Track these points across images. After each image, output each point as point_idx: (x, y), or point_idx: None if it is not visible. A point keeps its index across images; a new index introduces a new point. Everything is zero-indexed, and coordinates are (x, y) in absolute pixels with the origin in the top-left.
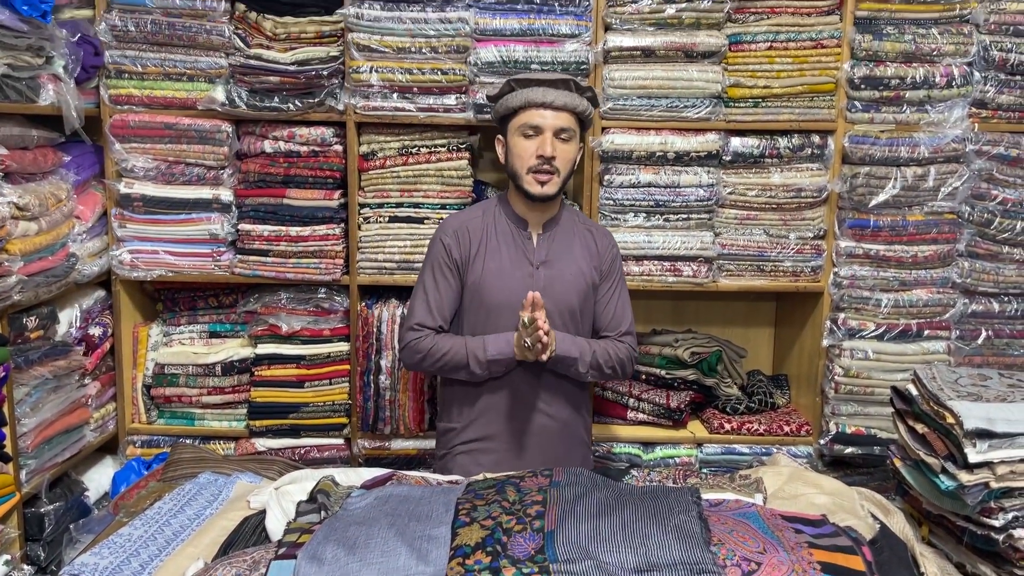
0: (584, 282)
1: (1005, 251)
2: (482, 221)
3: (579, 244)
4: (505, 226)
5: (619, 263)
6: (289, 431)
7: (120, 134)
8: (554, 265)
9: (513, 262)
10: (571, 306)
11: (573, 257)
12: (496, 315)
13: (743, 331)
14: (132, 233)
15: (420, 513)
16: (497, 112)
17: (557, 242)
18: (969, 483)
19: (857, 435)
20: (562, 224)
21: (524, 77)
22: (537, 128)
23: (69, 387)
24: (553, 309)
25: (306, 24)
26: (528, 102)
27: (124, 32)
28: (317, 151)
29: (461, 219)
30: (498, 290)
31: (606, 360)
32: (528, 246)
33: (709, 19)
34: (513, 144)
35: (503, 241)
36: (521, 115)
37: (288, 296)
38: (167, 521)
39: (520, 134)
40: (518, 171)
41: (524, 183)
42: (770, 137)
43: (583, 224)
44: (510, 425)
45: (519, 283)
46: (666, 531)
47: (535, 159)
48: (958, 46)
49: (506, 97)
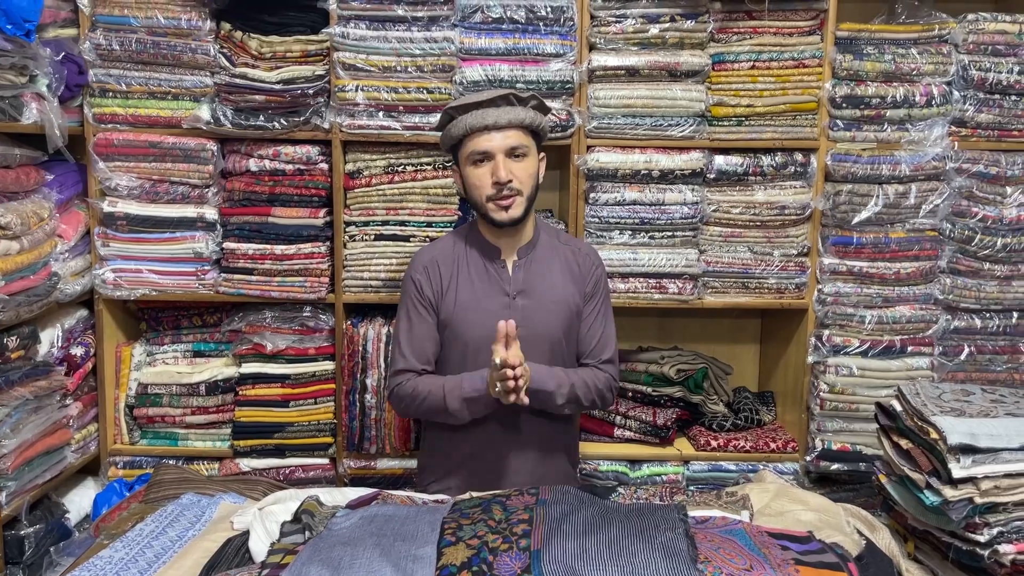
0: (567, 309)
1: (986, 268)
2: (453, 252)
3: (560, 267)
4: (477, 256)
5: (604, 283)
6: (274, 451)
7: (104, 153)
8: (532, 293)
9: (487, 294)
10: (553, 336)
11: (553, 282)
12: (474, 352)
13: (728, 348)
14: (115, 252)
15: (406, 533)
16: (444, 144)
17: (534, 268)
18: (954, 498)
19: (843, 451)
20: (539, 247)
21: (460, 103)
22: (486, 153)
23: (50, 408)
24: (534, 340)
25: (292, 43)
26: (470, 128)
27: (108, 51)
28: (302, 169)
29: (431, 253)
30: (473, 325)
31: (585, 392)
32: (503, 275)
33: (692, 39)
34: (467, 174)
35: (475, 272)
36: (467, 143)
37: (273, 315)
38: (148, 543)
39: (471, 163)
40: (478, 201)
41: (488, 212)
42: (753, 155)
43: (564, 244)
44: (489, 476)
45: (495, 316)
46: (653, 549)
47: (491, 187)
48: (937, 66)
49: (447, 127)
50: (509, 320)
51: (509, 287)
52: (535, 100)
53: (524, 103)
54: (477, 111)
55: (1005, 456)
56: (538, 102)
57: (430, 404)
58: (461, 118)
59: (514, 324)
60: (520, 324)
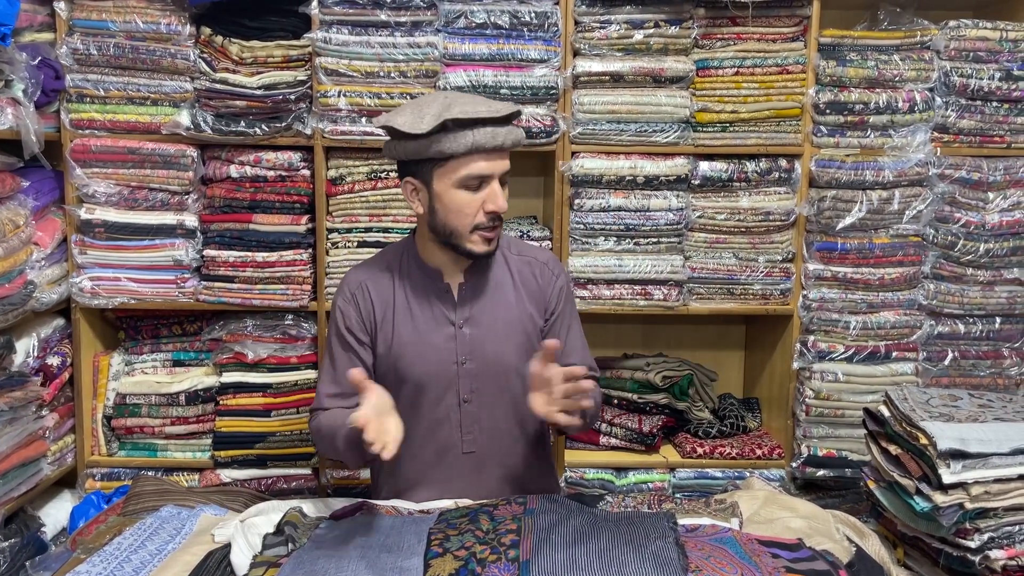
0: (521, 333)
1: (969, 273)
2: (387, 276)
3: (513, 285)
4: (417, 280)
5: (569, 292)
6: (255, 461)
7: (81, 159)
8: (481, 321)
9: (429, 326)
10: (508, 366)
11: (507, 304)
12: (418, 390)
13: (714, 355)
14: (93, 260)
15: (391, 544)
16: (412, 152)
17: (484, 290)
18: (944, 504)
19: (829, 457)
20: (487, 267)
21: (465, 116)
22: (485, 178)
23: (25, 419)
24: (486, 374)
25: (273, 48)
26: (475, 147)
27: (86, 56)
28: (284, 176)
29: (361, 276)
30: (416, 361)
31: (596, 406)
32: (447, 300)
33: (676, 45)
34: (449, 198)
35: (414, 299)
36: (463, 162)
37: (254, 323)
38: (127, 557)
39: (460, 186)
40: (458, 230)
41: (466, 243)
42: (738, 161)
43: (517, 255)
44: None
45: (439, 351)
46: (643, 558)
47: (483, 216)
48: (920, 72)
49: (439, 138)
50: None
51: (454, 315)
52: (520, 114)
53: (518, 119)
54: (486, 128)
55: (995, 461)
56: (519, 115)
57: (331, 446)
58: (464, 132)
59: (557, 344)
60: (469, 358)
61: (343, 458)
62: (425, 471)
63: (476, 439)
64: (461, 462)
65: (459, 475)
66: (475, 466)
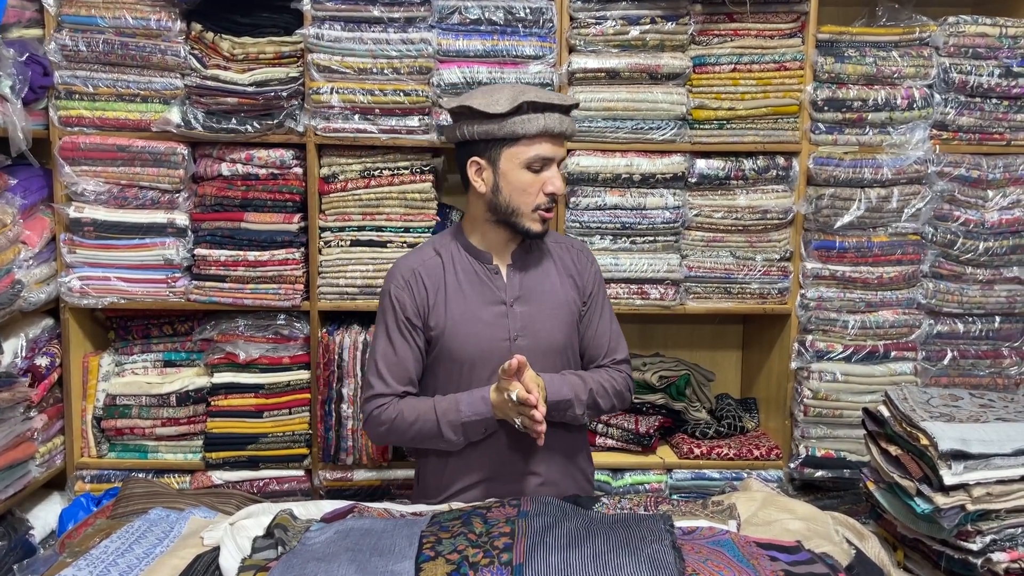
0: (568, 313)
1: (968, 272)
2: (437, 261)
3: (556, 268)
4: (466, 263)
5: (601, 280)
6: (247, 463)
7: (70, 157)
8: (531, 299)
9: (481, 304)
10: (556, 344)
11: (552, 286)
12: (470, 368)
13: (711, 354)
14: (82, 259)
15: (382, 547)
16: (483, 132)
17: (531, 272)
18: (945, 506)
19: (827, 458)
20: (533, 250)
21: (539, 100)
22: (548, 161)
23: (13, 420)
24: (538, 350)
25: (265, 44)
26: (545, 130)
27: (75, 52)
28: (276, 174)
29: (412, 263)
30: (468, 339)
31: (604, 396)
32: (496, 281)
33: (673, 41)
34: (515, 177)
35: (466, 281)
36: (532, 144)
37: (246, 323)
38: (114, 561)
39: (525, 166)
40: (519, 208)
41: (526, 221)
42: (735, 159)
43: (555, 243)
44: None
45: (492, 327)
46: (639, 561)
47: (543, 196)
48: (918, 68)
49: (512, 120)
50: (513, 358)
51: (505, 294)
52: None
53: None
54: (555, 114)
55: (997, 462)
56: None
57: (418, 430)
58: (534, 116)
59: (524, 359)
60: (520, 334)
61: (436, 442)
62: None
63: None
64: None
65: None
66: (523, 445)
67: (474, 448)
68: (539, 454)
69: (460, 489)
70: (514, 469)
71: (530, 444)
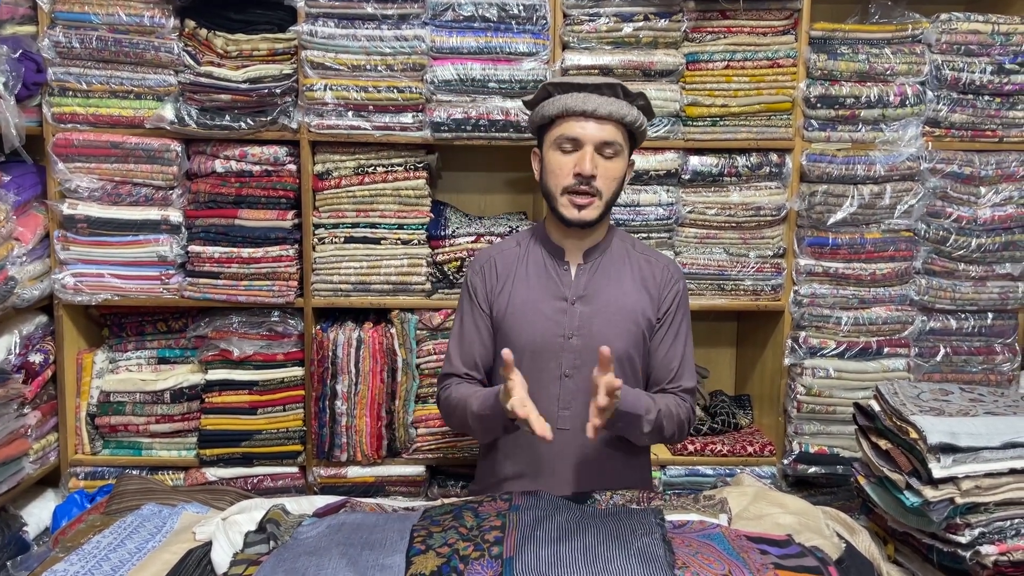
0: (632, 323)
1: (961, 268)
2: (515, 251)
3: (631, 276)
4: (539, 255)
5: (685, 301)
6: (241, 460)
7: (63, 153)
8: (595, 300)
9: (543, 296)
10: (615, 349)
11: (622, 291)
12: (521, 358)
13: (704, 351)
14: (76, 256)
15: (373, 541)
16: (533, 122)
17: (601, 273)
18: (934, 499)
19: (820, 454)
20: (610, 253)
21: (563, 81)
22: (576, 141)
23: (7, 417)
24: (590, 350)
25: (258, 41)
26: (566, 110)
27: (68, 49)
28: (270, 170)
29: (491, 251)
30: (525, 328)
31: (668, 423)
32: (563, 278)
33: (666, 38)
34: (548, 159)
35: (534, 272)
36: (558, 125)
37: (240, 320)
38: (106, 556)
39: (556, 148)
40: (552, 191)
41: (559, 205)
42: (728, 156)
43: (640, 253)
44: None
45: (549, 321)
46: (629, 555)
47: (572, 177)
48: (911, 65)
49: (542, 104)
50: (604, 348)
51: (569, 291)
52: (643, 100)
53: (632, 99)
54: (579, 93)
55: (986, 455)
56: (645, 102)
57: (461, 416)
58: (559, 97)
59: (607, 351)
60: (576, 333)
61: (470, 432)
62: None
63: (572, 416)
64: (556, 438)
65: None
66: (568, 446)
67: (516, 443)
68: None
69: (504, 480)
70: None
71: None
